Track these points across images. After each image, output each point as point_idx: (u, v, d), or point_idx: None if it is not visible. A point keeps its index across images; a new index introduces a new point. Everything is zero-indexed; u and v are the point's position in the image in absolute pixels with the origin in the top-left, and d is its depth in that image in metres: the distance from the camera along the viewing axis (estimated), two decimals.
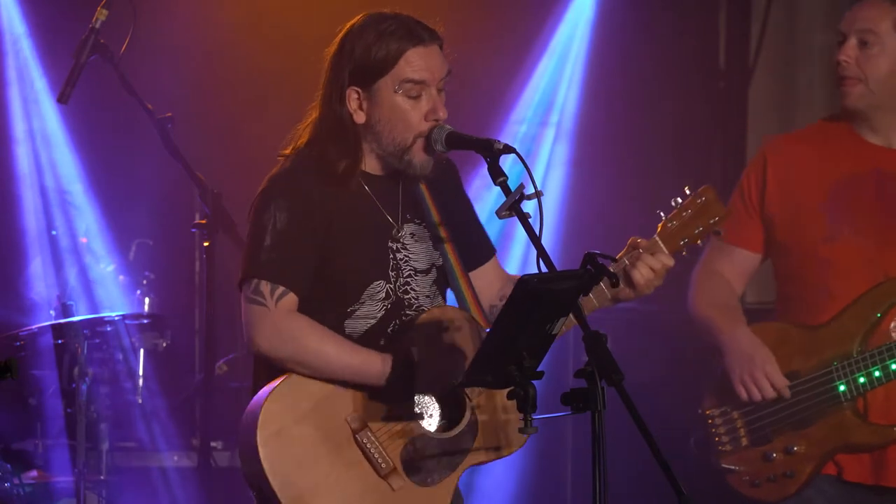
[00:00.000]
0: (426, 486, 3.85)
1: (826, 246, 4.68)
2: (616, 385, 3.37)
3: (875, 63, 4.65)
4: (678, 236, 3.93)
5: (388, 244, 3.94)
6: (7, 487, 5.72)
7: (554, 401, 3.47)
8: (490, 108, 7.52)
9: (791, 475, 4.65)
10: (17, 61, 7.28)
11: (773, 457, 4.66)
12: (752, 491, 4.69)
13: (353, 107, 3.87)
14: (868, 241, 4.67)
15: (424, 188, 3.99)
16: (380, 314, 3.91)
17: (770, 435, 4.68)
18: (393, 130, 3.85)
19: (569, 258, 4.42)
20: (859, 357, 4.61)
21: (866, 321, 4.63)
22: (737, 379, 4.67)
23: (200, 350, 7.02)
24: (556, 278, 3.50)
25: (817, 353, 4.66)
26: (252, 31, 7.37)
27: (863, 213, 4.69)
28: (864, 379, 4.60)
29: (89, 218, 7.24)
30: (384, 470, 3.81)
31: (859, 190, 4.71)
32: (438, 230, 3.99)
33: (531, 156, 7.61)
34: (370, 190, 3.93)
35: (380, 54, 3.82)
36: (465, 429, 3.87)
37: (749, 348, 4.67)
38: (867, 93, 4.66)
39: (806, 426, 4.65)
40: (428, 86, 3.84)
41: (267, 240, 3.84)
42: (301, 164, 3.90)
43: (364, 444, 3.80)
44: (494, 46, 7.42)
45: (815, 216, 4.71)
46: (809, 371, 4.66)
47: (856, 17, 4.67)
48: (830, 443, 4.62)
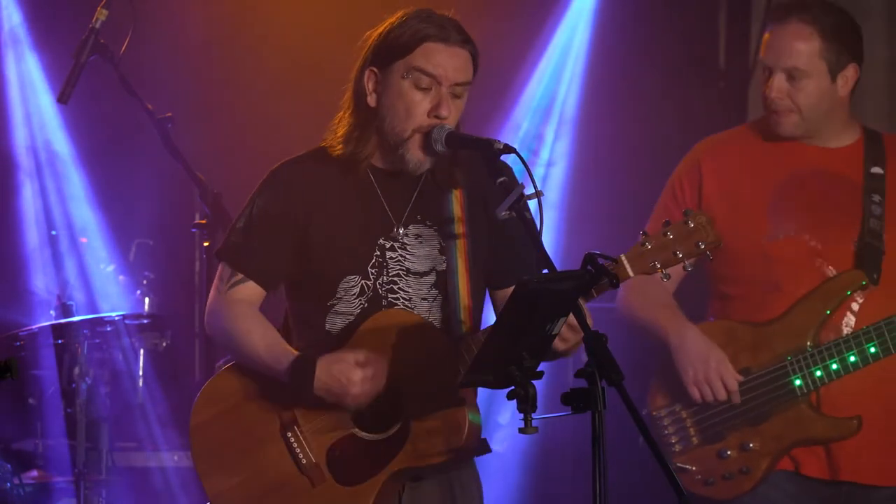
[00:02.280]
0: (349, 485, 3.85)
1: (771, 243, 4.67)
2: (616, 385, 3.37)
3: (806, 94, 4.63)
4: (652, 257, 3.76)
5: (379, 241, 3.93)
6: (7, 487, 5.72)
7: (554, 401, 3.47)
8: (490, 107, 7.52)
9: (747, 471, 4.64)
10: (18, 61, 7.28)
11: (728, 454, 4.65)
12: (706, 490, 4.67)
13: (369, 88, 3.88)
14: (812, 236, 4.67)
15: (458, 195, 3.95)
16: (356, 311, 3.90)
17: (722, 432, 4.67)
18: (395, 118, 3.84)
19: (569, 258, 4.43)
20: (814, 351, 4.61)
21: (818, 316, 4.63)
22: (690, 380, 4.64)
23: (200, 350, 7.02)
24: (556, 278, 3.50)
25: (768, 348, 4.65)
26: (252, 31, 7.37)
27: (805, 211, 4.68)
28: (821, 372, 4.60)
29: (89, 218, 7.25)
30: (305, 466, 3.85)
31: (799, 188, 4.70)
32: (455, 236, 3.95)
33: (531, 156, 7.61)
34: (377, 183, 3.93)
35: (399, 38, 3.83)
36: (396, 433, 3.85)
37: (702, 349, 4.64)
38: (801, 121, 4.66)
39: (761, 422, 4.64)
40: (439, 83, 3.82)
41: (241, 222, 3.96)
42: (308, 156, 3.95)
43: (289, 438, 3.85)
44: (494, 46, 7.40)
45: (756, 215, 4.70)
46: (761, 366, 4.65)
47: (781, 53, 4.62)
48: (788, 437, 4.62)
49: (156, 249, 7.08)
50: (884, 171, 4.71)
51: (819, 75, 4.63)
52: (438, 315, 3.95)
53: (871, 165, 4.72)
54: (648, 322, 4.75)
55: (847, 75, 4.66)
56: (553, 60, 7.72)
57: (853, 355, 4.58)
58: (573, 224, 7.36)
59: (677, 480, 3.41)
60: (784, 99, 4.64)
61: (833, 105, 4.68)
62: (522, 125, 7.71)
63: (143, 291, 6.90)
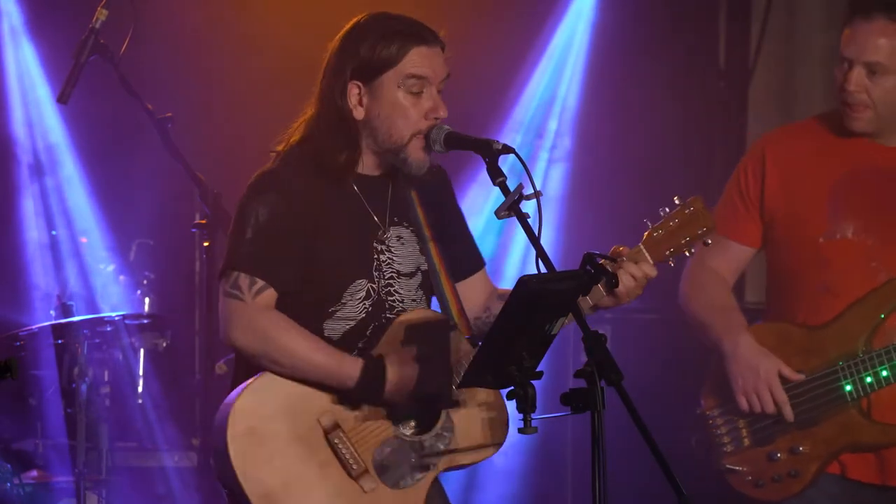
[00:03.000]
0: (399, 488, 3.84)
1: (827, 243, 4.67)
2: (615, 385, 3.37)
3: (885, 90, 4.61)
4: (664, 246, 3.91)
5: (374, 244, 3.94)
6: (7, 487, 5.72)
7: (554, 401, 3.47)
8: (490, 108, 7.52)
9: (796, 475, 4.64)
10: (18, 61, 7.28)
11: (778, 456, 4.65)
12: (756, 491, 4.68)
13: (353, 102, 3.87)
14: (869, 239, 4.66)
15: (414, 193, 3.99)
16: (360, 316, 3.90)
17: (773, 435, 4.67)
18: (392, 126, 3.85)
19: (568, 258, 4.43)
20: (865, 357, 4.60)
21: (870, 321, 4.62)
22: (739, 390, 4.64)
23: (200, 350, 7.02)
24: (556, 278, 3.50)
25: (820, 352, 4.64)
26: (252, 31, 7.37)
27: (864, 212, 4.68)
28: (871, 379, 4.59)
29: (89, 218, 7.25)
30: (355, 471, 3.80)
31: (860, 187, 4.70)
32: (426, 236, 3.98)
33: (530, 156, 7.61)
34: (360, 190, 3.93)
35: (385, 50, 3.83)
36: (440, 432, 3.86)
37: (753, 359, 4.64)
38: (875, 118, 4.64)
39: (811, 426, 4.63)
40: (430, 83, 3.85)
41: (248, 233, 3.84)
42: (291, 161, 3.91)
43: (336, 444, 3.79)
44: (494, 46, 7.42)
45: (815, 213, 4.70)
46: (813, 371, 4.65)
47: (864, 47, 4.60)
48: (837, 442, 4.62)
49: (156, 249, 7.08)
50: None
51: None
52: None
53: None
54: (705, 323, 4.74)
55: None
56: (553, 60, 7.72)
57: None
58: (573, 223, 7.36)
59: (677, 480, 3.41)
60: (861, 93, 4.60)
61: None
62: (522, 125, 7.71)
63: (143, 291, 6.90)
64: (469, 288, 4.08)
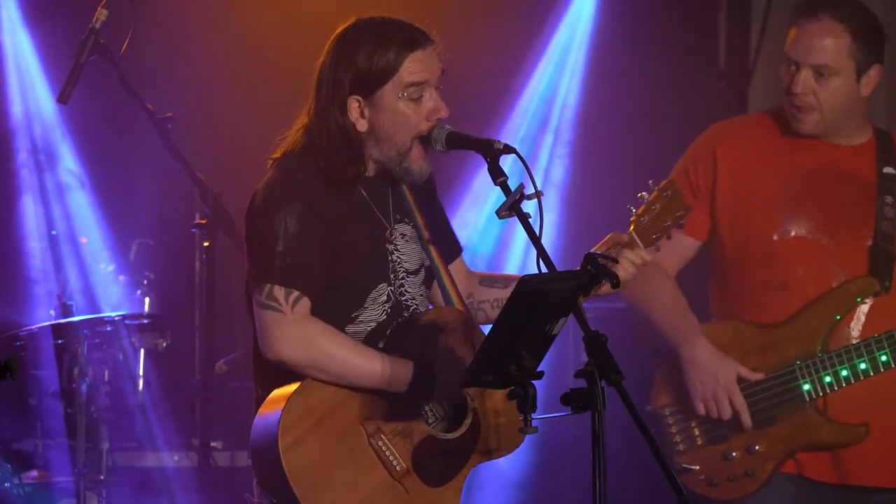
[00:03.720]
0: (436, 486, 3.86)
1: (781, 241, 4.66)
2: (616, 385, 3.37)
3: (831, 92, 4.59)
4: (650, 231, 3.94)
5: (385, 246, 3.94)
6: (7, 487, 5.72)
7: (554, 401, 3.47)
8: (490, 107, 7.52)
9: (752, 474, 4.63)
10: (18, 61, 7.28)
11: (733, 456, 4.64)
12: (710, 490, 4.66)
13: (354, 116, 3.87)
14: (824, 237, 4.65)
15: (407, 189, 4.00)
16: (380, 318, 3.91)
17: (728, 434, 4.65)
18: (396, 135, 3.85)
19: (569, 258, 4.42)
20: (824, 356, 4.60)
21: (828, 321, 4.62)
22: (698, 396, 4.62)
23: (200, 350, 7.01)
24: (557, 278, 3.50)
25: (777, 351, 4.63)
26: (252, 31, 7.37)
27: (819, 210, 4.66)
28: (831, 378, 4.59)
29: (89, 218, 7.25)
30: (398, 472, 3.81)
31: (814, 186, 4.68)
32: (423, 230, 3.99)
33: (531, 156, 7.61)
34: (366, 193, 3.94)
35: (381, 63, 3.81)
36: (468, 429, 3.87)
37: (711, 364, 4.62)
38: (822, 120, 4.63)
39: (767, 425, 4.62)
40: (429, 86, 3.84)
41: (279, 245, 3.80)
42: (303, 170, 3.89)
43: (379, 447, 3.81)
44: (494, 46, 7.42)
45: (768, 209, 4.68)
46: (770, 370, 4.64)
47: (810, 49, 4.57)
48: (794, 441, 4.61)
49: (156, 249, 7.08)
50: (895, 171, 4.70)
51: (846, 74, 4.59)
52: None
53: (883, 165, 4.70)
54: (658, 325, 4.72)
55: (871, 75, 4.62)
56: (553, 60, 7.72)
57: (864, 363, 4.57)
58: (573, 224, 7.36)
59: (677, 480, 3.41)
60: (809, 95, 4.59)
61: (854, 105, 4.65)
62: (523, 125, 7.71)
63: (143, 291, 6.90)
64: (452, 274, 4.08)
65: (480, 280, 4.16)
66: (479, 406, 3.88)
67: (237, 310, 3.94)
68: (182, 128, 5.53)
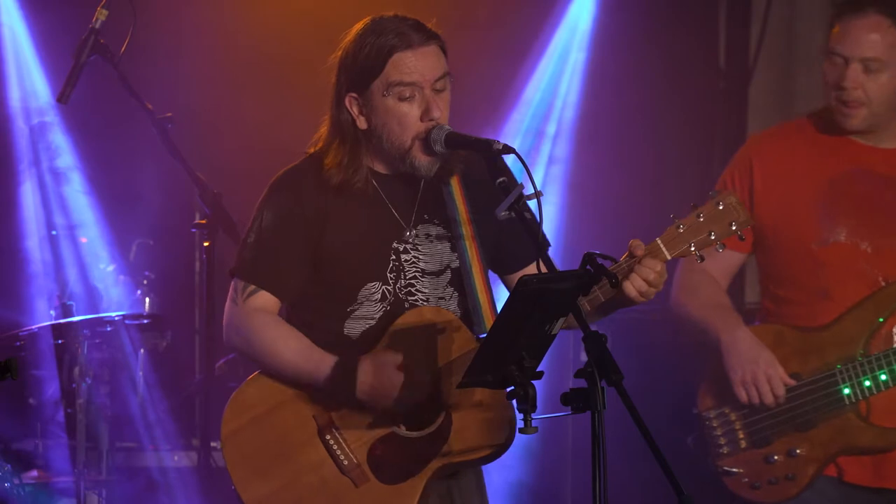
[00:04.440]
0: (392, 484, 3.85)
1: (821, 247, 4.67)
2: (616, 385, 3.37)
3: (881, 87, 4.60)
4: (686, 240, 3.80)
5: (393, 245, 3.94)
6: (7, 487, 5.72)
7: (554, 401, 3.47)
8: (490, 108, 7.52)
9: (793, 477, 4.63)
10: (18, 62, 7.28)
11: (775, 459, 4.65)
12: (752, 493, 4.67)
13: (354, 113, 3.88)
14: (863, 242, 4.66)
15: (456, 183, 3.96)
16: (378, 315, 3.91)
17: (770, 437, 4.66)
18: (390, 134, 3.85)
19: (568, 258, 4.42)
20: (864, 360, 4.60)
21: (869, 325, 4.62)
22: (738, 381, 4.64)
23: (200, 350, 7.02)
24: (556, 278, 3.50)
25: (818, 355, 4.64)
26: (252, 31, 7.37)
27: (856, 215, 4.67)
28: (870, 382, 4.59)
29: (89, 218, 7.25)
30: (347, 467, 3.83)
31: (851, 190, 4.69)
32: (462, 229, 3.95)
33: (531, 156, 7.61)
34: (382, 191, 3.93)
35: (368, 60, 3.83)
36: (437, 430, 3.86)
37: (752, 351, 4.64)
38: (870, 115, 4.63)
39: (808, 428, 4.63)
40: (420, 87, 3.82)
41: (250, 237, 3.93)
42: (305, 165, 3.93)
43: (328, 440, 3.83)
44: (494, 46, 7.42)
45: (807, 217, 4.69)
46: (811, 373, 4.65)
47: (859, 43, 4.59)
48: (835, 445, 4.62)
49: (156, 249, 7.08)
50: None
51: (894, 67, 4.60)
52: (458, 313, 3.95)
53: None
54: (700, 322, 4.73)
55: None
56: (553, 60, 7.72)
57: None
58: (573, 224, 7.36)
59: (677, 480, 3.41)
60: (858, 90, 4.60)
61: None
62: (522, 125, 7.71)
63: (143, 291, 6.90)
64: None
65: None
66: (454, 410, 3.86)
67: None
68: (182, 128, 5.52)
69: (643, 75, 7.52)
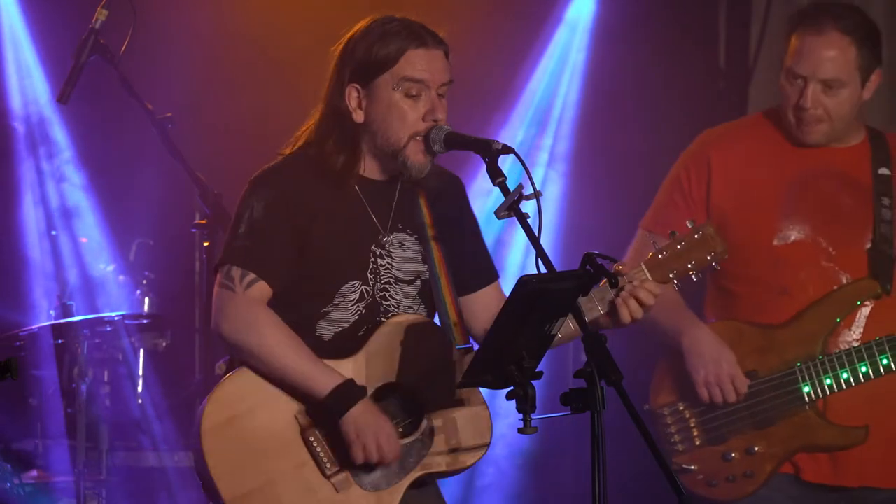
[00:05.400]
0: (373, 490, 3.83)
1: (780, 244, 4.66)
2: (615, 385, 3.37)
3: (841, 104, 4.57)
4: (667, 267, 3.92)
5: (372, 248, 3.94)
6: (7, 487, 5.72)
7: (554, 401, 3.47)
8: (490, 108, 7.52)
9: (751, 475, 4.63)
10: (18, 62, 7.28)
11: (732, 456, 4.64)
12: (709, 491, 4.66)
13: (352, 105, 3.88)
14: (824, 239, 4.65)
15: (423, 199, 3.99)
16: (353, 318, 3.90)
17: (725, 434, 4.65)
18: (389, 128, 3.85)
19: (568, 258, 4.43)
20: (825, 359, 4.60)
21: (828, 324, 4.62)
22: (701, 381, 4.62)
23: (200, 350, 7.02)
24: (556, 279, 3.50)
25: (777, 353, 4.63)
26: (252, 31, 7.37)
27: (817, 213, 4.66)
28: (831, 380, 4.59)
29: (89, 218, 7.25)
30: (329, 470, 3.80)
31: (809, 188, 4.68)
32: (430, 244, 3.97)
33: (530, 156, 7.61)
34: (363, 193, 3.93)
35: (381, 52, 3.84)
36: (420, 437, 3.86)
37: (714, 351, 4.62)
38: (831, 130, 4.62)
39: (766, 426, 4.63)
40: (428, 87, 3.84)
41: (242, 227, 3.87)
42: (293, 161, 3.92)
43: (311, 442, 3.80)
44: (494, 46, 7.42)
45: (765, 213, 4.67)
46: (770, 371, 4.64)
47: (819, 64, 4.53)
48: (794, 442, 4.61)
49: (156, 249, 7.08)
50: (890, 171, 4.68)
51: (854, 84, 4.57)
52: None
53: (879, 166, 4.69)
54: (659, 321, 4.70)
55: (872, 80, 4.62)
56: (553, 60, 7.72)
57: (864, 366, 4.57)
58: (572, 224, 7.36)
59: (677, 480, 3.41)
60: (818, 108, 4.57)
61: (857, 111, 4.65)
62: (522, 125, 7.71)
63: (143, 291, 6.90)
64: (480, 300, 4.07)
65: None
66: (436, 417, 3.86)
67: None
68: (182, 128, 5.52)
69: (643, 75, 7.52)
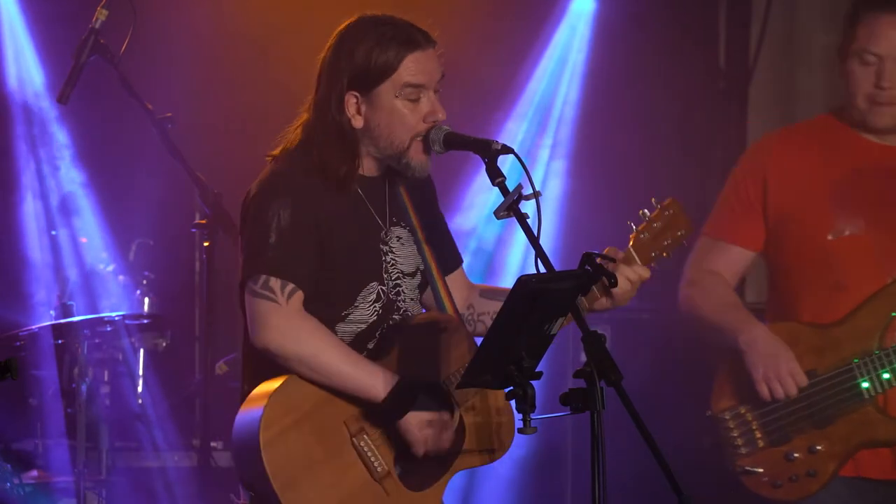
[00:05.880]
0: (417, 490, 3.85)
1: (836, 240, 4.68)
2: (615, 385, 3.37)
3: None
4: (649, 248, 3.92)
5: (379, 246, 3.94)
6: (7, 487, 5.72)
7: (553, 401, 3.47)
8: (489, 108, 7.52)
9: (814, 474, 4.63)
10: (18, 62, 7.28)
11: (795, 456, 4.64)
12: (774, 492, 4.67)
13: (351, 111, 3.87)
14: (877, 235, 4.67)
15: (404, 193, 4.00)
16: (371, 319, 3.90)
17: (789, 434, 4.66)
18: (392, 134, 3.85)
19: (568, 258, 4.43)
20: (882, 353, 4.61)
21: (883, 318, 4.63)
22: (760, 378, 4.63)
23: (200, 350, 7.02)
24: (555, 278, 3.50)
25: (834, 350, 4.64)
26: (252, 31, 7.37)
27: (869, 209, 4.69)
28: (889, 375, 4.60)
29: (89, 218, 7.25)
30: (379, 473, 3.81)
31: (863, 186, 4.71)
32: (419, 234, 3.99)
33: (530, 156, 7.61)
34: (363, 192, 3.93)
35: (380, 60, 3.81)
36: (455, 431, 3.86)
37: (772, 347, 4.63)
38: None
39: (827, 424, 4.63)
40: (426, 88, 3.84)
41: (272, 237, 3.80)
42: (299, 166, 3.89)
43: (361, 447, 3.80)
44: (494, 46, 7.42)
45: (820, 211, 4.70)
46: (828, 369, 4.65)
47: (894, 41, 4.60)
48: (855, 439, 4.62)
49: (156, 249, 7.08)
50: None
51: None
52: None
53: None
54: (717, 323, 4.73)
55: None
56: (553, 60, 7.73)
57: None
58: (572, 224, 7.36)
59: (677, 480, 3.41)
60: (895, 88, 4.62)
61: None
62: (522, 126, 7.71)
63: (143, 291, 6.90)
64: (450, 285, 4.07)
65: (481, 292, 4.14)
66: (472, 407, 3.88)
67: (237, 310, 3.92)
68: (182, 128, 5.53)
69: (643, 75, 7.53)
